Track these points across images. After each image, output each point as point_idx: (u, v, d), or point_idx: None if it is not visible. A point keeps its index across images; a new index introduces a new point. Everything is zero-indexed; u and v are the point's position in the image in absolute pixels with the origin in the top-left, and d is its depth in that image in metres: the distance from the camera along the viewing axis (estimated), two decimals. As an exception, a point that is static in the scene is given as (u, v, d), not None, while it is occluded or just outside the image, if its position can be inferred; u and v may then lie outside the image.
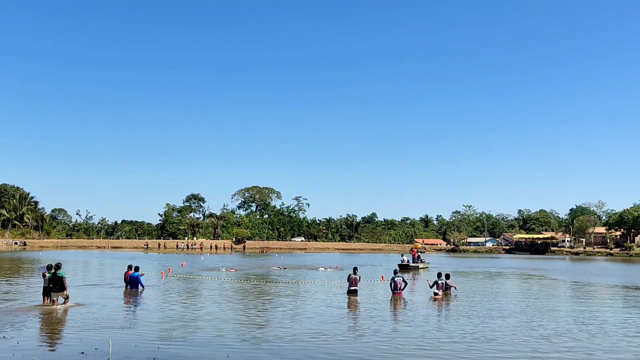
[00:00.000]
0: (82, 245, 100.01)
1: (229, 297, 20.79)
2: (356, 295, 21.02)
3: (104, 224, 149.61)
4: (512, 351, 11.52)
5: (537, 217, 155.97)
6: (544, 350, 11.61)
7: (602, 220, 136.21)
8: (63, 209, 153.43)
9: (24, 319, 14.44)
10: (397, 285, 21.18)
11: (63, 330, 13.04)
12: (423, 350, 11.49)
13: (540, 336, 13.24)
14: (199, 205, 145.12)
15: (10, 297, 19.35)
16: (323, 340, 12.36)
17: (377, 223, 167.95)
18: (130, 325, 13.93)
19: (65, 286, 16.56)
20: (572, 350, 11.68)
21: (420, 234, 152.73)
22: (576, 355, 11.25)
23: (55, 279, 16.49)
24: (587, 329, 14.43)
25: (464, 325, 14.56)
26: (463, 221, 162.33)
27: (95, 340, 11.83)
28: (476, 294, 23.15)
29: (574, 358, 11.05)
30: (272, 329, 13.68)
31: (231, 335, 12.82)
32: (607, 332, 14.02)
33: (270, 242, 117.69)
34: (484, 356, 11.00)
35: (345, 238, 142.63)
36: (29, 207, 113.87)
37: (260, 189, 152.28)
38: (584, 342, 12.57)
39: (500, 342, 12.38)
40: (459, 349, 11.64)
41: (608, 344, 12.54)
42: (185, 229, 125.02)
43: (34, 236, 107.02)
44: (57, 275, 16.46)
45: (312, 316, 15.90)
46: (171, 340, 12.01)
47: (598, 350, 11.77)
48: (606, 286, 29.71)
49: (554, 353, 11.42)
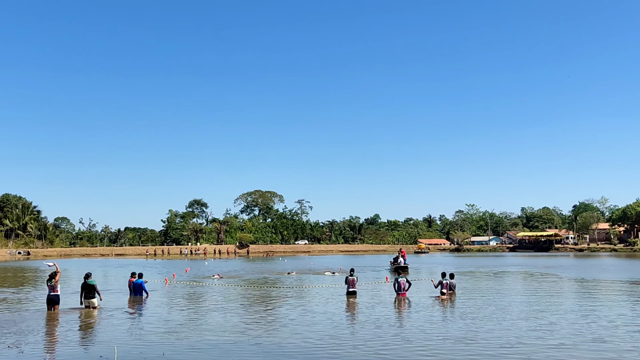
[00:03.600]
0: (86, 253, 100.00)
1: (234, 303, 20.76)
2: (355, 297, 21.10)
3: (107, 231, 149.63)
4: (527, 352, 11.47)
5: (540, 215, 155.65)
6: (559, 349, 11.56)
7: (606, 217, 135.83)
8: (66, 217, 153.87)
9: (30, 327, 14.42)
10: (401, 286, 21.12)
11: (68, 338, 13.01)
12: (428, 351, 11.46)
13: (554, 339, 13.16)
14: (201, 210, 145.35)
15: (18, 305, 19.38)
16: (329, 343, 12.32)
17: (381, 224, 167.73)
18: (135, 332, 13.91)
19: (97, 292, 18.18)
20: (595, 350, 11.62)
21: (424, 234, 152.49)
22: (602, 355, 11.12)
23: (87, 286, 18.05)
24: (601, 327, 14.34)
25: (470, 326, 14.50)
26: (466, 220, 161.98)
27: (101, 347, 11.82)
28: (481, 293, 23.09)
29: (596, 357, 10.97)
30: (279, 334, 13.65)
31: (237, 340, 12.78)
32: (618, 328, 13.96)
33: (274, 246, 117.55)
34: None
35: (348, 240, 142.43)
36: (32, 217, 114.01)
37: (262, 193, 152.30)
38: (609, 344, 12.19)
39: (512, 343, 12.32)
40: (464, 350, 11.60)
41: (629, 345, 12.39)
42: (189, 235, 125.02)
43: (38, 245, 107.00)
44: (88, 283, 18.07)
45: (317, 319, 15.86)
46: (177, 346, 11.99)
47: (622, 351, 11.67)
48: (616, 282, 29.56)
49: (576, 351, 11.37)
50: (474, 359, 10.73)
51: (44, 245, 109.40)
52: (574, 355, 10.93)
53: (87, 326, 14.60)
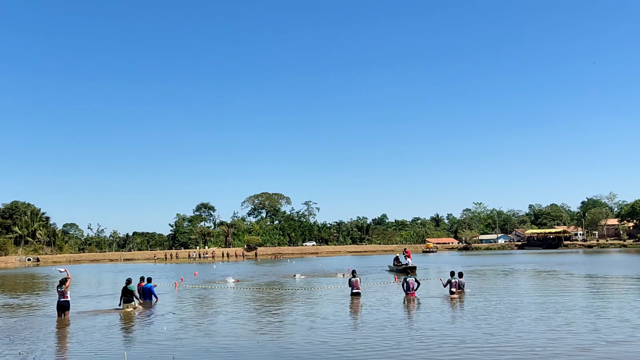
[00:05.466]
0: (95, 258, 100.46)
1: (242, 306, 20.76)
2: (359, 297, 21.21)
3: (115, 236, 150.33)
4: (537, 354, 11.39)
5: (548, 212, 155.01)
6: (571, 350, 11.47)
7: (614, 212, 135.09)
8: (75, 223, 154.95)
9: (41, 334, 14.49)
10: (409, 286, 21.06)
11: (78, 345, 13.04)
12: (440, 354, 11.40)
13: (571, 340, 13.07)
14: (209, 214, 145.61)
15: (28, 311, 19.48)
16: (336, 345, 12.29)
17: (388, 224, 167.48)
18: (145, 337, 13.91)
19: (135, 297, 19.87)
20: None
21: (432, 233, 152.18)
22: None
23: (126, 291, 19.70)
24: (618, 327, 14.22)
25: (480, 327, 14.42)
26: (474, 219, 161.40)
27: (110, 352, 11.84)
28: (491, 292, 22.96)
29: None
30: (287, 336, 13.62)
31: (247, 344, 12.77)
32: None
33: (281, 248, 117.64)
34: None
35: (356, 241, 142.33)
36: (41, 223, 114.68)
37: (269, 195, 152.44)
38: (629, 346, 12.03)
39: (523, 345, 12.25)
40: (473, 352, 11.54)
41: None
42: (197, 238, 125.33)
43: (47, 252, 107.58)
44: (127, 288, 19.71)
45: (324, 321, 15.82)
46: (186, 350, 11.99)
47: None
48: (628, 279, 29.34)
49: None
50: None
51: (53, 252, 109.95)
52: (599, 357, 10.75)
53: (96, 332, 14.62)
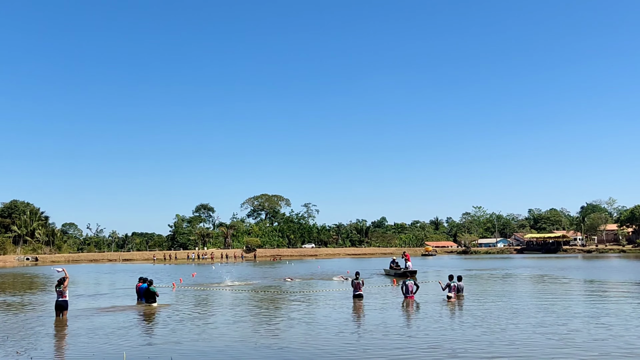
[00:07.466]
0: (94, 259, 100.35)
1: (240, 307, 20.76)
2: (362, 299, 21.31)
3: (114, 237, 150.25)
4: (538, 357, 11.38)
5: (547, 216, 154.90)
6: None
7: (614, 217, 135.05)
8: (74, 223, 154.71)
9: (39, 333, 14.49)
10: (408, 289, 21.10)
11: (76, 344, 13.03)
12: (438, 353, 11.40)
13: (569, 341, 13.07)
14: (208, 215, 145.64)
15: (26, 311, 19.46)
16: (336, 347, 12.28)
17: (387, 227, 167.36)
18: (143, 337, 13.90)
19: (155, 299, 20.55)
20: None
21: (431, 236, 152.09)
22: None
23: (148, 293, 20.59)
24: (621, 334, 14.21)
25: (479, 330, 14.42)
26: (473, 222, 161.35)
27: (109, 353, 11.83)
28: (490, 296, 22.96)
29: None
30: (285, 338, 13.60)
31: (244, 345, 12.76)
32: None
33: (280, 250, 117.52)
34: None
35: (355, 243, 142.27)
36: (40, 223, 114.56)
37: (269, 197, 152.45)
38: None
39: (522, 349, 12.24)
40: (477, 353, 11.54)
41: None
42: (196, 239, 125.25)
43: (45, 251, 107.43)
44: (150, 290, 20.59)
45: (324, 323, 15.82)
46: (184, 351, 11.98)
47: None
48: (626, 284, 29.34)
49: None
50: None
51: (52, 251, 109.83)
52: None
53: (95, 332, 14.61)
